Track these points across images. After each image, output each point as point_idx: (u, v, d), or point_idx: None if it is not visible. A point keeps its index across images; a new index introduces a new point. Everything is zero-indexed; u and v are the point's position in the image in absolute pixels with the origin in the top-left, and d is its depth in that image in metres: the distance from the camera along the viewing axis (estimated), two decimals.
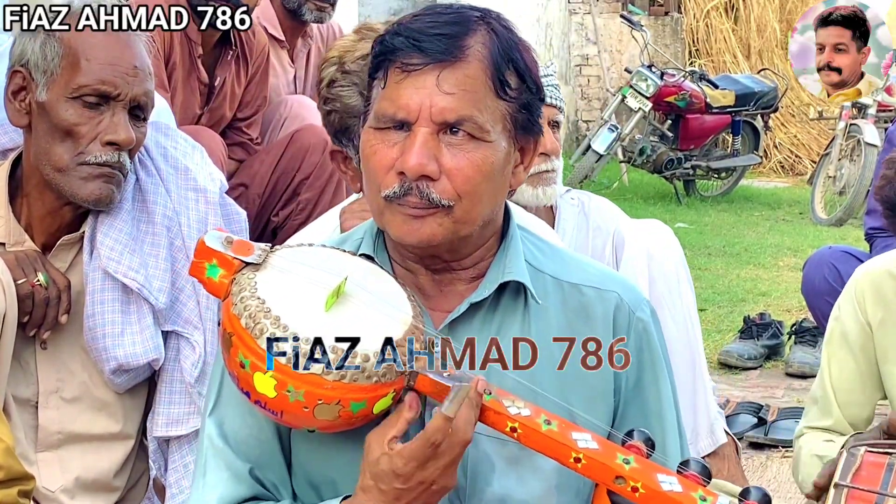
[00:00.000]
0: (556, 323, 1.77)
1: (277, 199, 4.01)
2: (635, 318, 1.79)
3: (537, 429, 1.59)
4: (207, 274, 1.69)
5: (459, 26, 1.69)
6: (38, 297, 2.35)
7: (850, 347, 2.44)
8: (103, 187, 2.34)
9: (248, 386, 1.60)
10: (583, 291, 1.79)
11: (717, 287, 6.36)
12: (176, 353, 2.46)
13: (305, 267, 1.68)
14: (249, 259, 1.68)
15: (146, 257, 2.42)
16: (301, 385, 1.57)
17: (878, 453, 1.67)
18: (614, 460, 1.56)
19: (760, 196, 10.05)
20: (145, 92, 2.37)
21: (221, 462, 1.75)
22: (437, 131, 1.67)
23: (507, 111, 1.70)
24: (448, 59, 1.67)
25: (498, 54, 1.69)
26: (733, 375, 4.99)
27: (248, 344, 1.59)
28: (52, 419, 2.44)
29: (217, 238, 1.70)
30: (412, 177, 1.66)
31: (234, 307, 1.62)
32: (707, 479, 1.56)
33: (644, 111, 9.19)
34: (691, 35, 12.80)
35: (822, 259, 4.21)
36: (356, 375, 1.58)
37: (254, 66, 4.07)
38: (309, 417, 1.60)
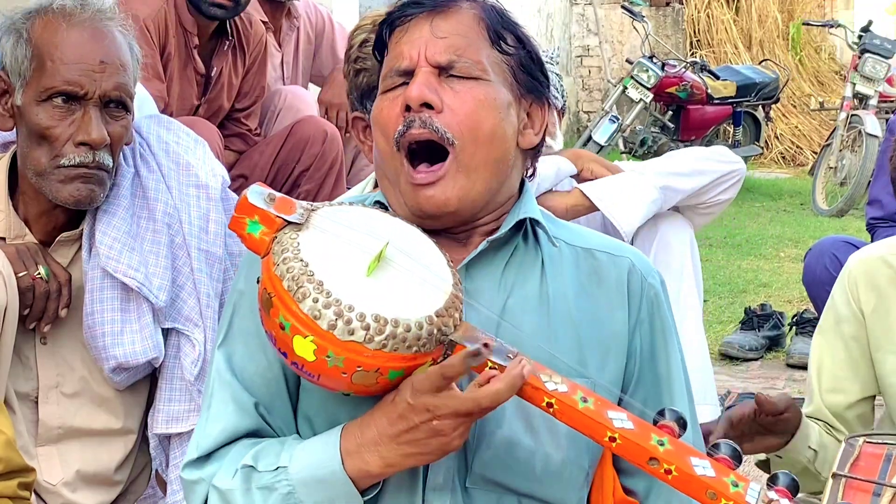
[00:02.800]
0: (570, 284, 1.80)
1: (278, 190, 4.00)
2: (647, 284, 1.84)
3: (574, 406, 1.58)
4: (248, 230, 1.67)
5: None
6: (38, 291, 2.34)
7: (842, 335, 2.44)
8: (82, 188, 2.32)
9: (287, 347, 1.59)
10: (596, 256, 1.84)
11: (718, 278, 6.36)
12: (176, 350, 2.45)
13: (347, 228, 1.67)
14: (292, 218, 1.66)
15: (146, 255, 2.40)
16: (341, 352, 1.56)
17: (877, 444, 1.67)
18: (649, 441, 1.56)
19: (761, 187, 10.04)
20: (116, 86, 2.32)
21: (227, 394, 1.76)
22: (437, 73, 1.74)
23: (506, 63, 1.79)
24: (440, 8, 1.77)
25: (492, 13, 1.80)
26: (734, 366, 4.99)
27: (289, 307, 1.57)
28: (52, 414, 2.43)
29: (259, 194, 1.68)
30: (414, 105, 1.72)
31: (276, 268, 1.60)
32: (738, 462, 1.56)
33: (645, 102, 9.17)
34: (692, 26, 12.78)
35: (823, 249, 4.21)
36: (397, 345, 1.57)
37: (251, 57, 4.07)
38: (346, 382, 1.59)
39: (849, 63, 9.42)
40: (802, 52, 12.69)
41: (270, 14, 4.38)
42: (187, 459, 1.77)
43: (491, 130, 1.74)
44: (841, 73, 12.31)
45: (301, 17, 4.54)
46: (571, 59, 12.18)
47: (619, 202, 3.10)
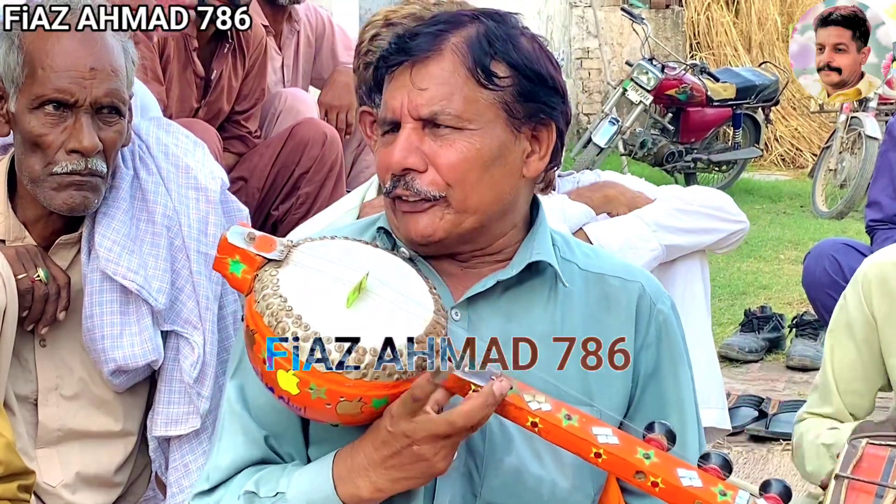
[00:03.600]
0: (579, 310, 1.80)
1: (277, 193, 4.01)
2: (656, 310, 1.83)
3: (558, 424, 1.60)
4: (230, 270, 1.71)
5: (448, 24, 1.75)
6: (37, 293, 2.34)
7: (853, 337, 2.43)
8: (75, 195, 2.31)
9: (272, 382, 1.62)
10: (607, 281, 1.83)
11: (718, 280, 6.35)
12: (175, 352, 2.44)
13: (327, 262, 1.70)
14: (271, 255, 1.69)
15: (145, 257, 2.40)
16: (323, 383, 1.58)
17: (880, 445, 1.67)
18: (634, 455, 1.57)
19: (761, 189, 10.04)
20: (107, 92, 2.31)
21: (238, 426, 1.77)
22: (421, 126, 1.73)
23: (498, 99, 1.74)
24: (421, 56, 1.73)
25: (479, 46, 1.73)
26: (734, 368, 4.99)
27: None
28: (51, 416, 2.43)
29: (240, 234, 1.71)
30: (395, 171, 1.73)
31: (256, 305, 1.64)
32: (727, 472, 1.56)
33: (645, 104, 9.17)
34: (692, 28, 12.79)
35: (822, 251, 4.20)
36: (377, 374, 1.59)
37: (251, 59, 4.07)
38: (331, 413, 1.61)
39: None
40: None
41: (271, 17, 4.38)
42: (197, 490, 1.79)
43: (478, 179, 1.74)
44: None
45: (301, 20, 4.54)
46: (571, 62, 12.18)
47: (623, 252, 3.13)
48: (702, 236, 3.26)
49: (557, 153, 1.81)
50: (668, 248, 3.21)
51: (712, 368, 3.32)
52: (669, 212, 3.23)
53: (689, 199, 3.28)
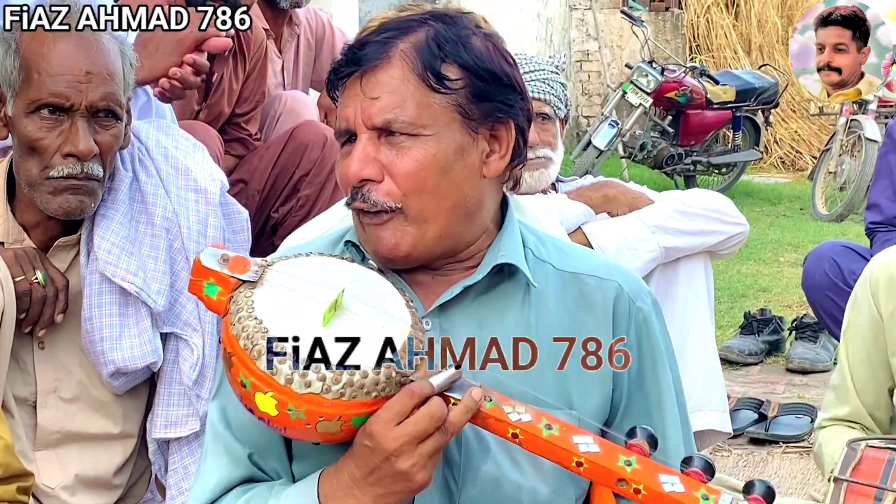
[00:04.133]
0: (555, 311, 1.78)
1: (277, 195, 4.00)
2: (635, 308, 1.80)
3: (538, 434, 1.60)
4: (206, 292, 1.70)
5: (396, 31, 1.74)
6: (35, 295, 2.34)
7: (863, 337, 2.43)
8: (71, 200, 2.31)
9: (251, 404, 1.61)
10: (583, 280, 1.80)
11: (717, 282, 6.31)
12: (175, 354, 2.45)
13: (302, 281, 1.69)
14: (245, 277, 1.68)
15: (145, 259, 2.40)
16: (301, 404, 1.58)
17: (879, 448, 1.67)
18: (616, 463, 1.57)
19: (761, 191, 10.04)
20: (103, 96, 2.31)
21: (221, 447, 1.77)
22: (377, 135, 1.72)
23: (451, 102, 1.72)
24: (370, 65, 1.71)
25: (429, 50, 1.72)
26: (734, 371, 4.99)
27: (247, 365, 1.60)
28: (50, 418, 2.43)
29: (213, 256, 1.70)
30: (352, 183, 1.72)
31: (232, 327, 1.63)
32: (710, 475, 1.56)
33: (645, 107, 9.17)
34: (692, 31, 12.79)
35: (822, 254, 4.21)
36: (355, 392, 1.59)
37: (251, 62, 4.07)
38: (312, 432, 1.61)
39: None
40: None
41: (272, 21, 4.38)
42: None
43: (435, 185, 1.72)
44: None
45: (301, 23, 4.54)
46: (571, 64, 12.18)
47: (621, 252, 3.13)
48: (701, 238, 3.26)
49: (520, 150, 1.79)
50: (667, 249, 3.21)
51: (714, 371, 3.32)
52: (669, 213, 3.24)
53: (689, 202, 3.28)
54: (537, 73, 3.13)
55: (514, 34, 10.32)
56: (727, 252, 3.39)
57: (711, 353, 3.33)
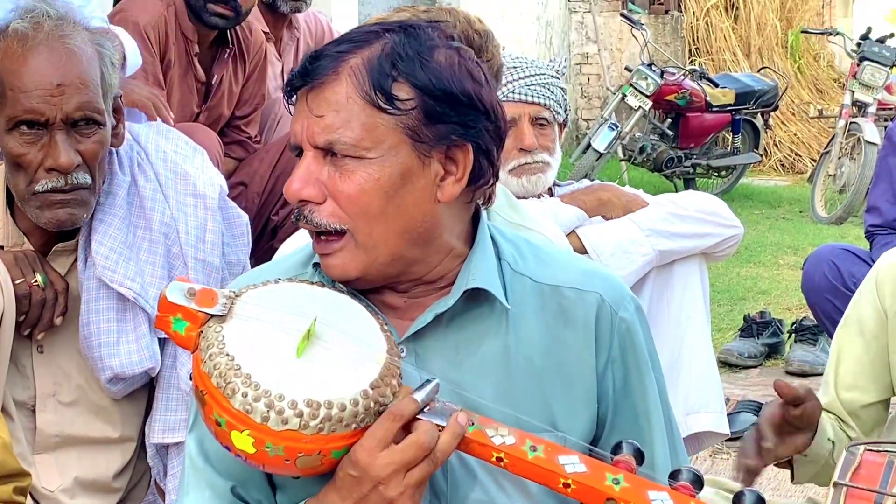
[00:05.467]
0: (535, 330, 1.73)
1: (277, 198, 4.00)
2: (618, 319, 1.74)
3: (523, 457, 1.56)
4: (173, 328, 1.65)
5: (352, 43, 1.66)
6: (35, 298, 2.34)
7: (862, 333, 2.42)
8: (59, 213, 2.30)
9: (227, 441, 1.57)
10: (563, 293, 1.74)
11: (717, 285, 6.35)
12: (173, 360, 2.43)
13: (273, 311, 1.64)
14: (213, 311, 1.63)
15: (142, 265, 2.39)
16: (279, 441, 1.54)
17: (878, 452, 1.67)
18: (604, 482, 1.54)
19: (760, 194, 10.04)
20: (78, 106, 2.27)
21: (202, 481, 1.73)
22: (322, 154, 1.65)
23: (400, 124, 1.63)
24: (317, 80, 1.64)
25: (379, 68, 1.63)
26: (734, 374, 4.99)
27: (221, 404, 1.56)
28: (49, 422, 2.43)
29: (179, 290, 1.65)
30: (293, 202, 1.67)
31: (203, 364, 1.58)
32: (699, 487, 1.53)
33: (644, 110, 9.17)
34: (691, 33, 12.79)
35: (822, 256, 4.21)
36: (334, 426, 1.55)
37: (251, 64, 4.07)
38: (292, 468, 1.57)
39: (847, 71, 9.43)
40: (801, 60, 12.70)
41: (272, 24, 4.38)
42: None
43: (381, 210, 1.63)
44: (840, 80, 12.31)
45: (301, 26, 4.54)
46: (570, 67, 12.18)
47: (615, 256, 3.13)
48: (696, 241, 3.26)
49: (483, 171, 1.68)
50: (662, 252, 3.21)
51: (711, 372, 3.32)
52: (664, 216, 3.24)
53: (684, 204, 3.28)
54: (537, 77, 3.13)
55: (514, 37, 10.32)
56: (722, 254, 3.39)
57: (708, 354, 3.33)
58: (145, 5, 3.79)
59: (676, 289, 3.27)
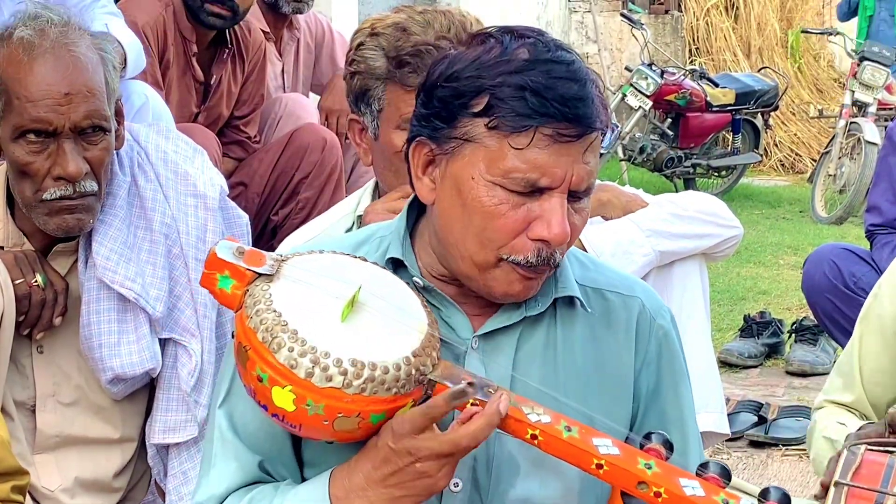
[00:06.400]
0: (580, 328, 1.78)
1: (277, 198, 4.01)
2: (656, 325, 1.81)
3: (558, 436, 1.58)
4: (220, 285, 1.67)
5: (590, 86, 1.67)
6: (35, 298, 2.34)
7: (882, 328, 2.41)
8: (68, 219, 2.30)
9: (266, 399, 1.59)
10: (606, 297, 1.81)
11: (717, 285, 6.35)
12: (173, 360, 2.43)
13: (318, 276, 1.67)
14: (262, 270, 1.66)
15: (143, 265, 2.39)
16: (320, 399, 1.56)
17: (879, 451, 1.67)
18: (636, 465, 1.56)
19: (761, 194, 10.04)
20: (87, 114, 2.26)
21: (230, 453, 1.74)
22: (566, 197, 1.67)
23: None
24: (594, 130, 1.66)
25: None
26: (734, 374, 4.99)
27: (265, 358, 1.57)
28: (49, 422, 2.42)
29: (228, 248, 1.68)
30: (557, 244, 1.67)
31: (249, 320, 1.60)
32: (727, 480, 1.55)
33: (644, 109, 9.17)
34: (691, 33, 12.79)
35: (822, 256, 4.20)
36: (376, 388, 1.57)
37: (250, 64, 4.07)
38: (328, 430, 1.59)
39: (847, 71, 9.42)
40: (801, 60, 12.69)
41: (272, 24, 4.38)
42: None
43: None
44: (840, 80, 12.31)
45: (301, 27, 4.55)
46: None
47: (615, 256, 3.13)
48: (696, 241, 3.26)
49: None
50: (662, 253, 3.21)
51: (711, 372, 3.32)
52: (664, 217, 3.24)
53: (684, 205, 3.28)
54: None
55: None
56: (722, 255, 3.39)
57: (708, 355, 3.33)
58: (144, 6, 3.80)
59: (676, 289, 3.27)
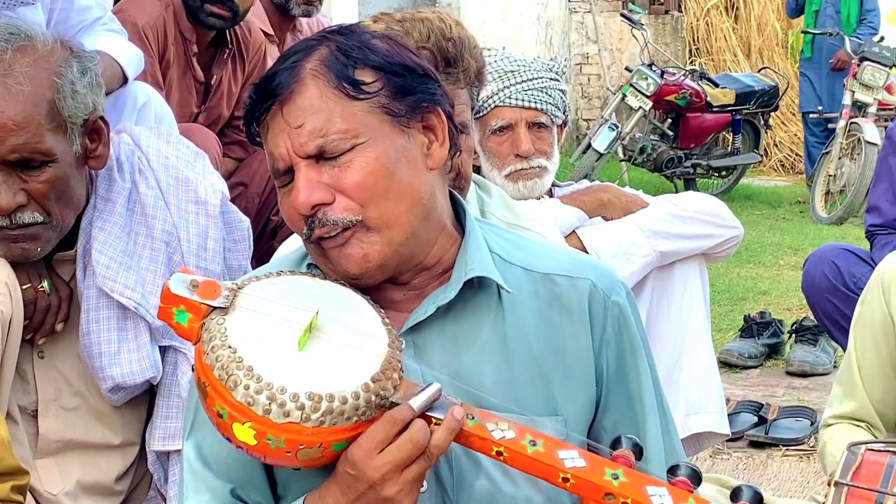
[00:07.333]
0: (531, 317, 1.75)
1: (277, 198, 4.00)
2: (610, 303, 1.77)
3: (523, 451, 1.57)
4: (175, 320, 1.66)
5: (296, 55, 1.71)
6: (40, 304, 2.33)
7: (874, 334, 2.41)
8: (12, 248, 2.26)
9: (228, 433, 1.58)
10: (555, 281, 1.77)
11: (717, 286, 6.35)
12: (174, 367, 2.42)
13: (275, 304, 1.65)
14: (216, 303, 1.64)
15: (143, 273, 2.37)
16: (280, 433, 1.55)
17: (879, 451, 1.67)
18: (602, 477, 1.54)
19: (761, 195, 10.05)
20: (13, 148, 2.18)
21: (202, 485, 1.73)
22: (315, 160, 1.67)
23: (374, 106, 1.69)
24: (286, 93, 1.68)
25: (337, 61, 1.69)
26: (734, 374, 4.99)
27: (223, 395, 1.56)
28: (51, 427, 2.42)
29: (182, 282, 1.66)
30: (305, 212, 1.68)
31: (205, 356, 1.59)
32: (697, 483, 1.53)
33: (644, 110, 9.17)
34: (692, 34, 12.80)
35: (822, 256, 4.20)
36: (335, 419, 1.56)
37: (251, 65, 4.07)
38: (292, 459, 1.58)
39: (848, 71, 9.44)
40: None
41: (278, 27, 4.39)
42: None
43: (386, 189, 1.67)
44: None
45: (303, 29, 4.55)
46: (571, 67, 12.19)
47: (616, 257, 3.13)
48: (696, 242, 3.26)
49: (454, 136, 1.76)
50: (663, 253, 3.21)
51: (711, 373, 3.32)
52: (664, 217, 3.24)
53: (684, 205, 3.28)
54: (534, 81, 3.12)
55: (514, 37, 10.32)
56: (722, 255, 3.39)
57: (708, 355, 3.33)
58: (144, 6, 3.79)
59: (677, 289, 3.27)
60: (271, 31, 4.35)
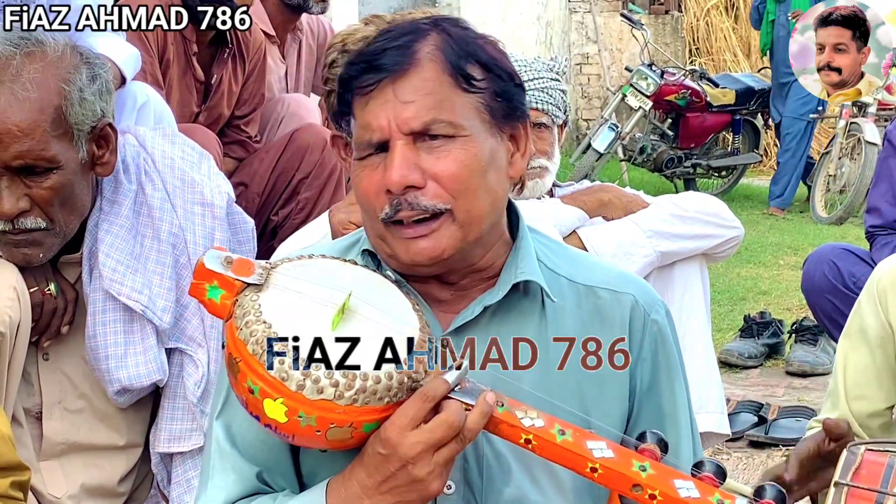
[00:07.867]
0: (572, 325, 1.76)
1: (277, 198, 4.01)
2: (650, 320, 1.79)
3: (552, 440, 1.57)
4: (208, 295, 1.66)
5: (409, 36, 1.69)
6: (47, 307, 2.33)
7: (868, 342, 2.40)
8: (15, 253, 2.27)
9: (258, 410, 1.57)
10: (598, 294, 1.78)
11: (717, 286, 6.35)
12: (180, 369, 2.42)
13: (308, 284, 1.65)
14: (251, 280, 1.64)
15: (150, 275, 2.37)
16: (312, 411, 1.54)
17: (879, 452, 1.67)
18: (630, 468, 1.55)
19: (761, 194, 10.03)
20: (17, 155, 2.18)
21: (228, 465, 1.73)
22: (413, 140, 1.66)
23: (480, 103, 1.69)
24: (399, 69, 1.67)
25: (452, 51, 1.68)
26: (734, 374, 4.99)
27: (256, 370, 1.56)
28: (55, 430, 2.42)
29: (216, 258, 1.66)
30: (397, 190, 1.66)
31: (239, 332, 1.59)
32: (722, 479, 1.54)
33: (644, 110, 9.17)
34: (692, 34, 12.80)
35: (822, 256, 4.20)
36: (367, 398, 1.55)
37: (251, 64, 4.07)
38: (321, 439, 1.58)
39: None
40: None
41: (281, 25, 4.39)
42: None
43: (477, 186, 1.68)
44: None
45: (304, 29, 4.55)
46: (571, 67, 12.19)
47: (616, 257, 3.13)
48: (697, 242, 3.27)
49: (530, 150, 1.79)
50: (663, 254, 3.22)
51: (711, 373, 3.33)
52: (665, 217, 3.24)
53: (684, 205, 3.28)
54: (535, 81, 3.13)
55: (514, 37, 10.32)
56: (722, 255, 3.39)
57: (709, 355, 3.34)
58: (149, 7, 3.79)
59: (677, 289, 3.27)
60: (273, 33, 4.36)
